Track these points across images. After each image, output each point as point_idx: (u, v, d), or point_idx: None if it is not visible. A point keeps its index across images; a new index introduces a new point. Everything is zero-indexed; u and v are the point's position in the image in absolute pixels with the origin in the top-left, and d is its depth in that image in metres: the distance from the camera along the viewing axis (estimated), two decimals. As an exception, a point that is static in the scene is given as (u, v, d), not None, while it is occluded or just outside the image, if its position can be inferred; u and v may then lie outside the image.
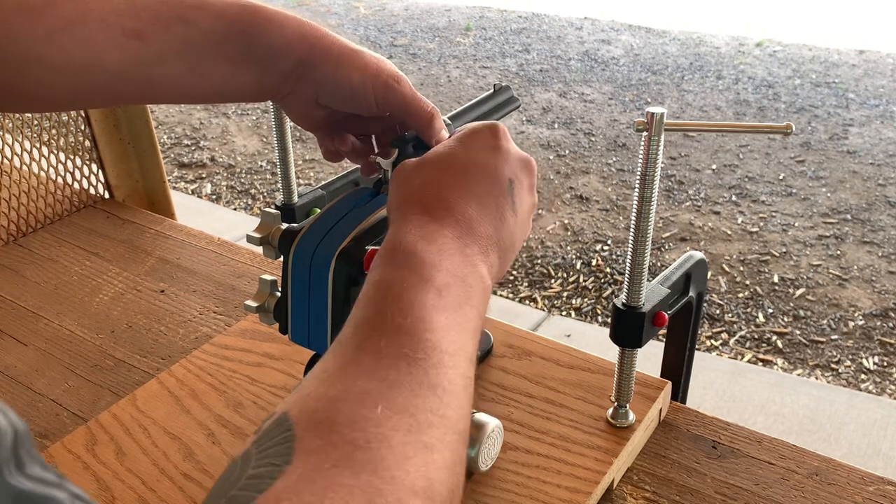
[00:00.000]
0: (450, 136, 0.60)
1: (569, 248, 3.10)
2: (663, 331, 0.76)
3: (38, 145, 1.19)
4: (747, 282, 2.86)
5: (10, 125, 1.16)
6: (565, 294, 2.84)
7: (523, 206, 0.52)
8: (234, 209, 3.53)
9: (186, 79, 0.55)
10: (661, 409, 0.77)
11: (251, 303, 0.64)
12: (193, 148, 4.11)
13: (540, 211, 3.36)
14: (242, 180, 3.78)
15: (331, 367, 0.38)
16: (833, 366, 2.45)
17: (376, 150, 0.64)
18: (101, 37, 0.51)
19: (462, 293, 0.42)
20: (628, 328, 0.70)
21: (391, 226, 0.47)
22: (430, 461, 0.34)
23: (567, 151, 3.91)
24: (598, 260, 3.02)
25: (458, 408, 0.38)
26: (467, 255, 0.45)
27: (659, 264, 2.95)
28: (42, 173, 1.21)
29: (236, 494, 0.31)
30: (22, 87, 0.52)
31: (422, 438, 0.34)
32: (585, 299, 2.81)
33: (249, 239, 0.62)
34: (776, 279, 2.87)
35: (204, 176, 3.84)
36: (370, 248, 0.56)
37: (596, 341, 2.42)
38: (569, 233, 3.20)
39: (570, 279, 2.92)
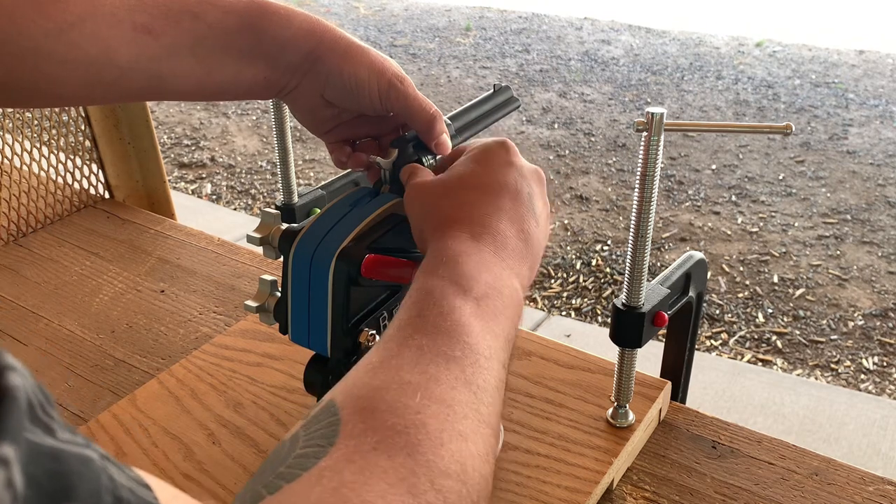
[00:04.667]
0: (451, 140, 0.61)
1: (569, 248, 3.10)
2: (663, 331, 0.76)
3: (38, 145, 1.19)
4: (747, 282, 2.86)
5: (10, 125, 1.16)
6: (565, 294, 2.84)
7: (541, 215, 0.55)
8: (234, 209, 3.53)
9: (196, 74, 0.55)
10: (660, 409, 0.77)
11: (251, 303, 0.64)
12: (193, 148, 4.11)
13: (540, 211, 3.36)
14: (242, 180, 3.78)
15: (375, 361, 0.40)
16: (833, 366, 2.45)
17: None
18: (111, 32, 0.51)
19: (498, 304, 0.46)
20: (628, 328, 0.70)
21: (432, 242, 0.50)
22: (464, 448, 0.36)
23: (567, 151, 3.91)
24: (597, 260, 3.02)
25: (490, 405, 0.40)
26: (503, 269, 0.48)
27: (659, 264, 2.95)
28: (42, 173, 1.21)
29: (284, 471, 0.33)
30: (33, 82, 0.52)
31: (457, 427, 0.37)
32: (585, 299, 2.81)
33: (249, 239, 0.62)
34: (776, 279, 2.87)
35: (204, 176, 3.84)
36: (370, 253, 0.56)
37: (596, 341, 2.42)
38: (569, 233, 3.20)
39: (570, 279, 2.92)
